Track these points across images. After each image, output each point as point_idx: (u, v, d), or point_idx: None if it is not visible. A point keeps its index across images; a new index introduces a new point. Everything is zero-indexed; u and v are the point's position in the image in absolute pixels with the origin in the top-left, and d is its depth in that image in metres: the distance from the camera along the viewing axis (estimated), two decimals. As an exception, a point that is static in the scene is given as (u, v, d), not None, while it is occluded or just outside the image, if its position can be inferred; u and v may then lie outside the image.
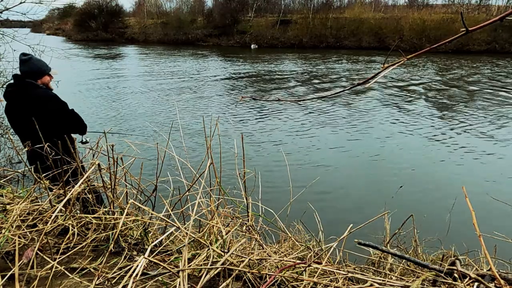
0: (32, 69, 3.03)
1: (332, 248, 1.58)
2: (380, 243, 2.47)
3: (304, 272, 1.37)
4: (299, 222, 2.75)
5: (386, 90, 15.55)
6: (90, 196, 1.74)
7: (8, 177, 2.38)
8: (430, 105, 12.99)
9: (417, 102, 13.38)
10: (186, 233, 1.37)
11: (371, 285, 1.21)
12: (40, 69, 3.07)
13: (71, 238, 1.49)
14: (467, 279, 1.15)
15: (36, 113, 2.83)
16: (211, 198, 1.77)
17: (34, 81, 3.01)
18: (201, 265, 1.32)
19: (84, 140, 3.32)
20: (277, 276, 1.28)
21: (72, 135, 3.23)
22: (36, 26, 49.86)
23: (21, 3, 6.24)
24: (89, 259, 1.42)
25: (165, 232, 1.59)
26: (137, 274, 1.05)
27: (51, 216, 1.55)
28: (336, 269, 1.36)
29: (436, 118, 11.11)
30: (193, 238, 1.45)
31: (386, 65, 0.85)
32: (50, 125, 2.92)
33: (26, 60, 3.02)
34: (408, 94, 14.88)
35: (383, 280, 1.25)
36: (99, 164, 1.69)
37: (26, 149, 2.20)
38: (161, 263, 1.20)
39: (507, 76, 19.42)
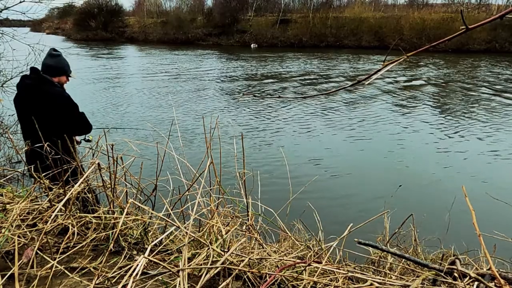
0: (56, 65, 3.10)
1: (332, 248, 1.58)
2: (380, 243, 2.47)
3: (304, 272, 1.37)
4: (299, 221, 2.75)
5: (385, 89, 15.55)
6: (90, 195, 1.74)
7: (8, 177, 2.38)
8: (430, 104, 12.99)
9: (417, 101, 13.38)
10: (186, 233, 1.37)
11: (371, 284, 1.21)
12: (63, 67, 3.15)
13: (71, 238, 1.49)
14: (467, 278, 1.15)
15: (45, 110, 2.89)
16: (211, 198, 1.77)
17: (51, 77, 3.06)
18: (201, 265, 1.32)
19: (87, 138, 3.36)
20: (277, 275, 1.28)
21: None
22: (35, 25, 49.80)
23: (20, 2, 6.22)
24: (89, 259, 1.42)
25: (165, 232, 1.59)
26: (137, 274, 1.05)
27: (51, 215, 1.55)
28: (336, 269, 1.36)
29: (436, 117, 11.11)
30: (193, 238, 1.45)
31: (386, 62, 0.85)
32: (56, 124, 2.93)
33: (55, 55, 3.12)
34: (407, 93, 14.87)
35: (383, 280, 1.25)
36: (99, 164, 1.69)
37: (25, 148, 2.20)
38: (161, 263, 1.20)
39: (507, 75, 19.42)
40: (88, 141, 3.35)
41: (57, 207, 1.41)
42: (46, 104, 2.93)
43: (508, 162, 7.58)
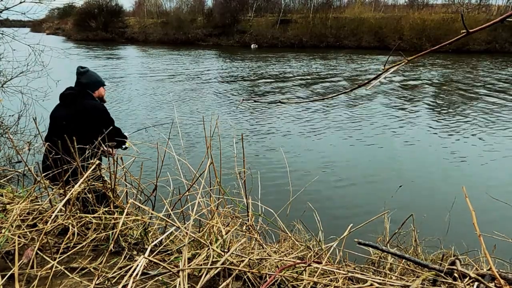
0: (91, 81, 3.22)
1: (332, 248, 1.58)
2: (380, 243, 2.47)
3: (304, 272, 1.36)
4: (299, 221, 2.75)
5: (386, 91, 15.55)
6: (90, 195, 1.74)
7: (8, 177, 2.38)
8: (430, 105, 12.99)
9: (417, 102, 13.38)
10: (186, 233, 1.37)
11: (371, 284, 1.21)
12: (97, 81, 3.27)
13: (71, 238, 1.49)
14: (467, 278, 1.15)
15: (81, 121, 2.99)
16: (211, 198, 1.77)
17: (92, 92, 3.21)
18: (201, 265, 1.32)
19: (124, 146, 3.45)
20: (277, 275, 1.28)
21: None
22: (36, 26, 49.91)
23: (20, 2, 6.23)
24: (89, 259, 1.42)
25: (165, 232, 1.59)
26: (137, 274, 1.05)
27: (51, 215, 1.55)
28: (336, 269, 1.36)
29: (436, 118, 11.11)
30: (193, 238, 1.45)
31: (387, 66, 0.85)
32: (89, 134, 2.96)
33: (84, 72, 3.22)
34: (408, 95, 14.88)
35: (383, 280, 1.25)
36: (99, 164, 1.69)
37: (26, 148, 2.20)
38: (161, 263, 1.20)
39: (507, 76, 19.42)
40: (125, 148, 3.43)
41: (58, 207, 1.41)
42: (80, 114, 3.03)
43: (508, 162, 7.57)
